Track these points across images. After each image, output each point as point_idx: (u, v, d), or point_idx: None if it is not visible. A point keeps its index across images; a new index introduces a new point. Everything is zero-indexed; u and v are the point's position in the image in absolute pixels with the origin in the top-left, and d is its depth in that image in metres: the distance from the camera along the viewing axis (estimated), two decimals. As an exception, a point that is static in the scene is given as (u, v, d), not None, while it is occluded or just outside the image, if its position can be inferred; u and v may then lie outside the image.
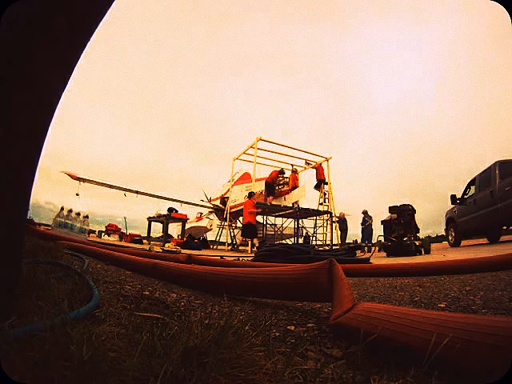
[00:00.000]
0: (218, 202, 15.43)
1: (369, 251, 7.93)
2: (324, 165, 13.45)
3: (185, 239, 11.47)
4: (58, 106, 0.71)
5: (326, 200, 13.27)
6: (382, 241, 7.44)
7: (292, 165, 13.56)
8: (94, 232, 12.54)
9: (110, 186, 12.51)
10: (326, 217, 13.08)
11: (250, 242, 10.43)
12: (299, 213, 12.28)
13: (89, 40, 0.70)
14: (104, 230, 13.34)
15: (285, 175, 13.02)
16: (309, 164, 13.57)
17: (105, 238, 12.47)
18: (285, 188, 12.79)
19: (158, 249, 6.30)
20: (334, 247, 11.15)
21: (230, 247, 13.33)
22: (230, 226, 14.30)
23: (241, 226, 15.07)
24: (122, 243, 8.69)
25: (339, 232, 12.85)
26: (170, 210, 12.91)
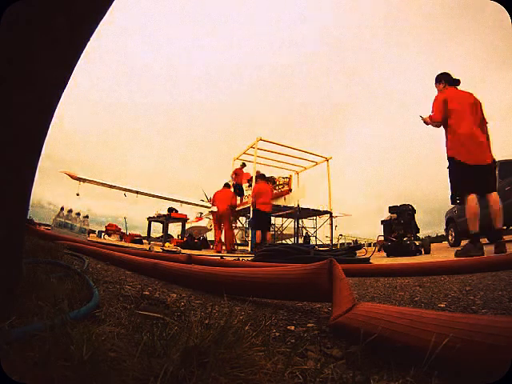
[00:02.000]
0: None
1: None
2: (324, 165, 13.43)
3: (185, 239, 11.48)
4: (58, 105, 0.71)
5: None
6: (382, 241, 7.45)
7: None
8: (94, 232, 12.53)
9: (110, 186, 12.53)
10: (325, 217, 13.08)
11: (249, 242, 10.40)
12: (299, 213, 12.29)
13: (89, 40, 0.70)
14: (104, 230, 13.33)
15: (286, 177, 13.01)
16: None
17: (105, 237, 12.47)
18: (285, 188, 12.79)
19: (158, 249, 6.30)
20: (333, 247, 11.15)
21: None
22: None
23: (241, 225, 15.06)
24: (122, 243, 8.69)
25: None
26: (170, 210, 12.91)
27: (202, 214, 16.49)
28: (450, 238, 8.54)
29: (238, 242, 14.73)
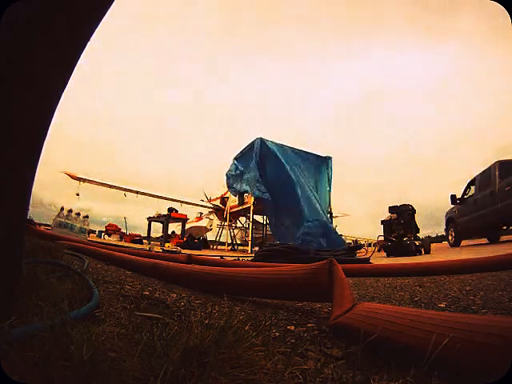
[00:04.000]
0: (218, 202, 15.43)
1: None
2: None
3: (185, 239, 11.48)
4: (58, 105, 0.71)
5: None
6: (382, 241, 7.46)
7: None
8: (94, 232, 12.53)
9: (110, 186, 12.52)
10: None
11: (249, 242, 10.42)
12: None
13: (89, 40, 0.70)
14: (104, 230, 13.34)
15: None
16: None
17: (105, 238, 12.47)
18: None
19: (158, 249, 6.31)
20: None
21: (230, 247, 13.32)
22: (230, 225, 14.30)
23: (241, 225, 15.05)
24: (122, 243, 8.70)
25: None
26: (170, 210, 12.92)
27: (202, 214, 16.47)
28: (450, 237, 8.55)
29: (238, 242, 14.72)
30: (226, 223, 14.30)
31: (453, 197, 8.24)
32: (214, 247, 14.01)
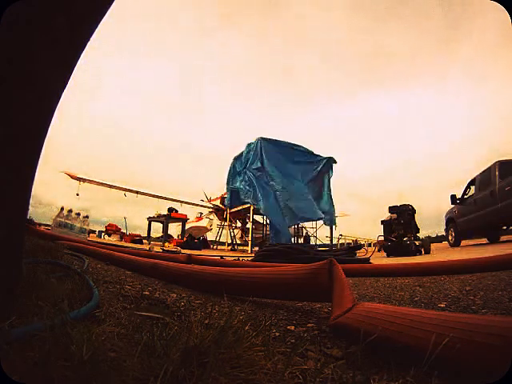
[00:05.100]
0: (218, 202, 15.43)
1: None
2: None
3: (185, 239, 11.49)
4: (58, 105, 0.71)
5: None
6: (382, 241, 7.46)
7: None
8: (94, 232, 12.54)
9: (110, 186, 12.52)
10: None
11: (249, 242, 10.44)
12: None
13: (89, 40, 0.70)
14: (104, 230, 13.35)
15: None
16: None
17: (105, 238, 12.48)
18: None
19: (158, 249, 6.31)
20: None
21: (230, 247, 13.32)
22: (230, 225, 14.31)
23: (241, 225, 15.06)
24: (122, 243, 8.70)
25: None
26: (170, 210, 12.93)
27: (202, 214, 16.47)
28: (450, 237, 8.55)
29: (238, 242, 14.73)
30: (225, 223, 14.31)
31: (453, 197, 8.24)
32: (214, 247, 14.02)
